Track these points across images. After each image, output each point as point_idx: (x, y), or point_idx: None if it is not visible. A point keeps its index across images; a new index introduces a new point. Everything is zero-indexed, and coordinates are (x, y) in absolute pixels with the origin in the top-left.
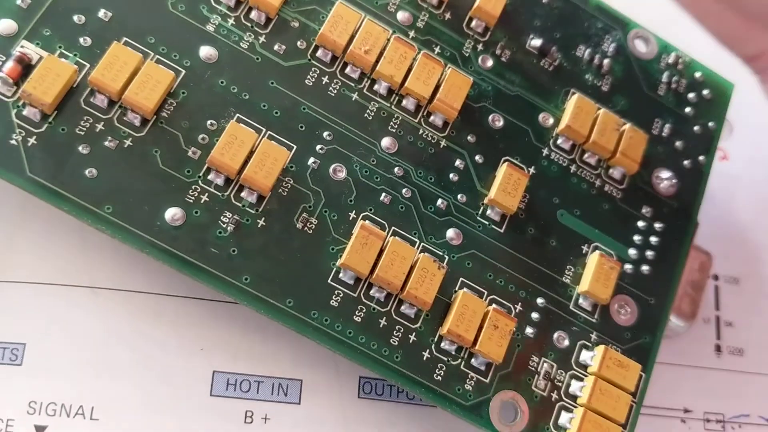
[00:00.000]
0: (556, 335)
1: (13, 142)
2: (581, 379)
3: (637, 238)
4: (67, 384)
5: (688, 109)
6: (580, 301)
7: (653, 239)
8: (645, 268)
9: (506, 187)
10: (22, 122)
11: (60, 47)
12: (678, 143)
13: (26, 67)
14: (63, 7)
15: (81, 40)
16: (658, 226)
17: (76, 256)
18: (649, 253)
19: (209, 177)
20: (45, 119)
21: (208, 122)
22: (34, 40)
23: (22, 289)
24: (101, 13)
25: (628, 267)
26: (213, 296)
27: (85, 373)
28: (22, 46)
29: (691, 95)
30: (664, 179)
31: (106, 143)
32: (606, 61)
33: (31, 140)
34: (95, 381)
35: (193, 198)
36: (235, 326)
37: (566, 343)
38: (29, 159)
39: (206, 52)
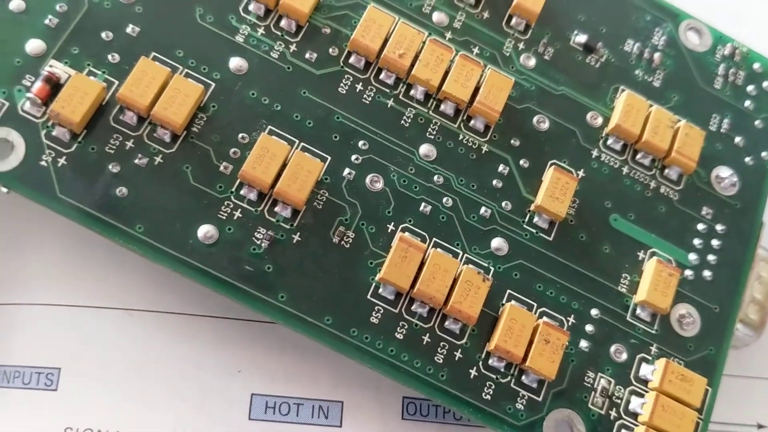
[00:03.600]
0: (613, 348)
1: (43, 163)
2: (642, 395)
3: (697, 241)
4: (102, 409)
5: (747, 103)
6: (638, 311)
7: (715, 242)
8: (707, 273)
9: (554, 192)
10: (52, 143)
11: (88, 65)
12: (738, 139)
13: (55, 86)
14: (91, 24)
15: (109, 56)
16: (719, 228)
17: (109, 278)
18: (711, 258)
19: (242, 192)
20: (74, 139)
21: (240, 135)
22: (63, 59)
23: (55, 312)
24: (129, 28)
25: (688, 273)
26: (249, 316)
27: (121, 397)
28: (50, 66)
29: (750, 88)
30: (725, 178)
31: (137, 161)
32: (657, 55)
33: (61, 161)
34: (131, 405)
35: (225, 214)
36: (272, 346)
37: (624, 356)
38: (59, 180)
39: (236, 63)
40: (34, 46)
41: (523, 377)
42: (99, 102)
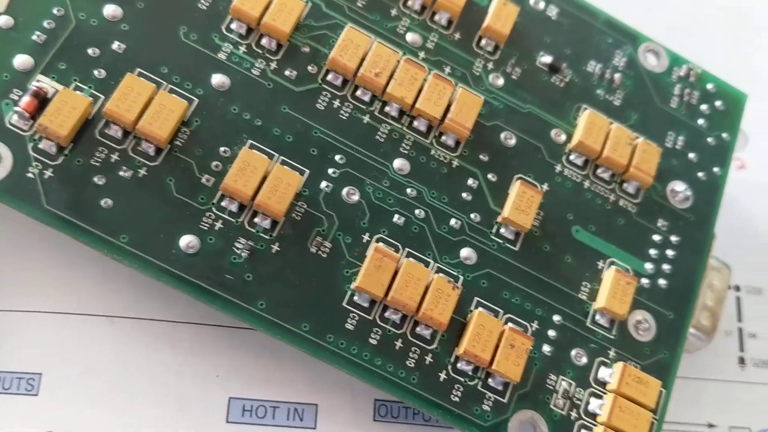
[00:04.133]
0: (573, 352)
1: (30, 175)
2: (600, 397)
3: (653, 252)
4: (84, 414)
5: (701, 121)
6: (597, 317)
7: (670, 253)
8: (662, 282)
9: (519, 205)
10: (39, 155)
11: (75, 80)
12: (692, 155)
13: (42, 101)
14: (78, 41)
15: (96, 72)
16: (674, 239)
17: (92, 286)
18: (666, 267)
19: (223, 204)
20: (61, 152)
21: (221, 149)
22: (50, 74)
23: (38, 319)
24: (115, 45)
25: (645, 282)
26: (229, 323)
27: (103, 402)
28: (38, 81)
29: (703, 107)
30: (679, 192)
31: (121, 173)
32: (617, 76)
33: (48, 173)
34: (112, 411)
35: (207, 225)
36: (250, 352)
37: (584, 360)
38: (46, 191)
39: (218, 80)
40: (21, 61)
41: (490, 380)
42: (86, 116)
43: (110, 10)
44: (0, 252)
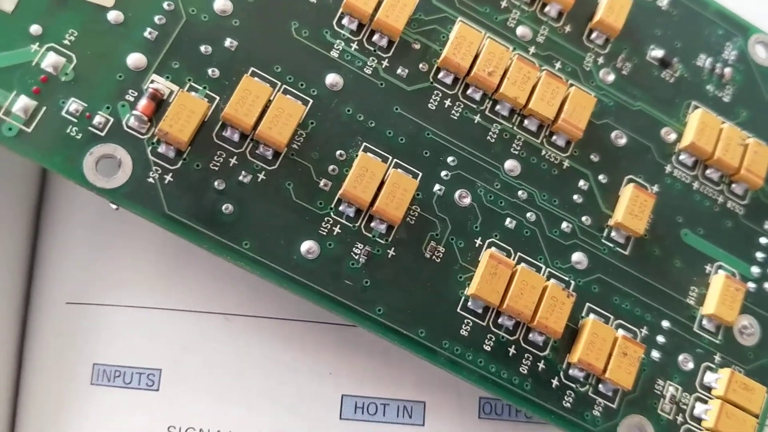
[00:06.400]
0: (681, 358)
1: (150, 179)
2: (706, 402)
3: (759, 255)
4: (202, 409)
5: None
6: (704, 322)
7: None
8: (767, 285)
9: (633, 209)
10: (158, 159)
11: (189, 80)
12: None
13: (159, 102)
14: (189, 37)
15: (209, 71)
16: None
17: (208, 284)
18: None
19: (340, 208)
20: (180, 155)
21: (337, 152)
22: (164, 74)
23: (156, 316)
24: (227, 42)
25: (751, 286)
26: (338, 321)
27: (220, 397)
28: (153, 81)
29: None
30: None
31: (241, 178)
32: (727, 70)
33: (168, 177)
34: (230, 406)
35: (326, 230)
36: (360, 350)
37: (690, 365)
38: (167, 196)
39: (332, 79)
40: (135, 59)
41: (600, 386)
42: (203, 119)
43: (220, 5)
44: (119, 251)
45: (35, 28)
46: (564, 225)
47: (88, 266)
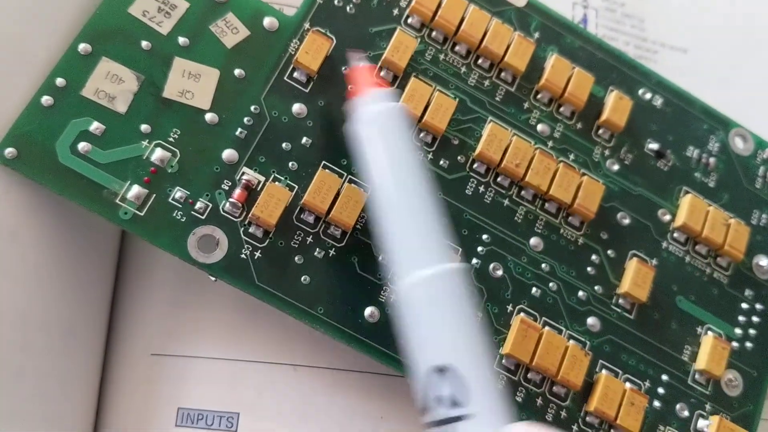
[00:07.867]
0: (678, 406)
1: (243, 256)
2: None
3: (741, 318)
4: None
5: None
6: (697, 376)
7: (755, 319)
8: (749, 344)
9: (637, 280)
10: (249, 239)
11: (273, 171)
12: None
13: (250, 191)
14: (273, 136)
15: (290, 164)
16: (759, 307)
17: (278, 338)
18: (752, 332)
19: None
20: (267, 235)
21: None
22: (253, 166)
23: (235, 366)
24: (304, 140)
25: (734, 345)
26: (388, 371)
27: None
28: (243, 173)
29: None
30: (763, 266)
31: (315, 253)
32: (712, 160)
33: (257, 254)
34: None
35: (384, 298)
36: (409, 397)
37: (686, 413)
38: (257, 270)
39: None
40: (228, 154)
41: (612, 431)
42: (286, 205)
43: (297, 108)
44: (197, 309)
45: (145, 127)
46: (580, 293)
47: (169, 322)
